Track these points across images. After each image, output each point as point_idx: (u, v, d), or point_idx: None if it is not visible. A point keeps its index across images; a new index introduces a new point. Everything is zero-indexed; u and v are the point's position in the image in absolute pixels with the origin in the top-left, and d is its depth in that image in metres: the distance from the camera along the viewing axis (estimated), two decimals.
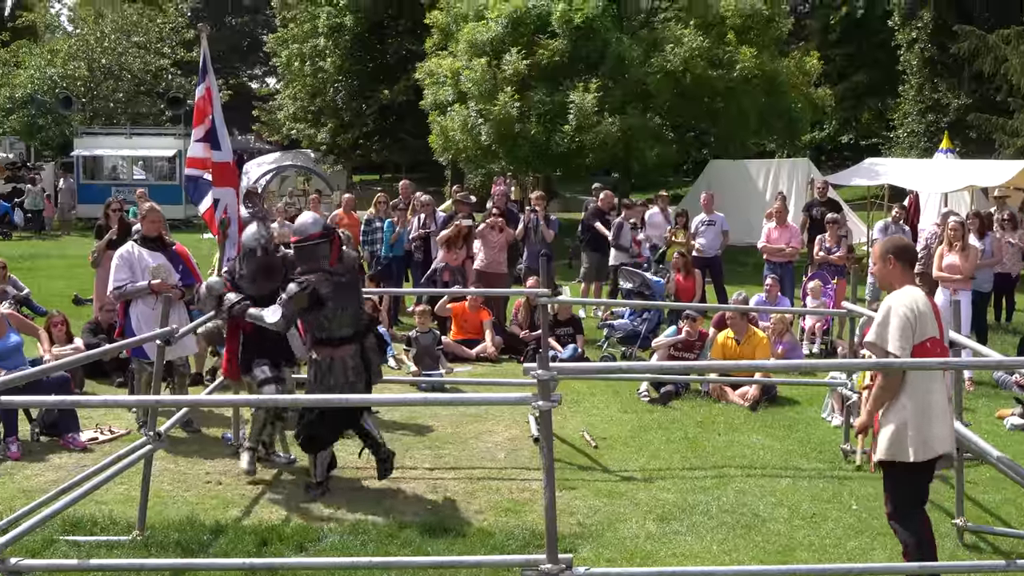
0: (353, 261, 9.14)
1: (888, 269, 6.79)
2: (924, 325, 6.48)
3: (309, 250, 8.52)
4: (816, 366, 7.15)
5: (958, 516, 7.76)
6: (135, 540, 7.60)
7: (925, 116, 38.62)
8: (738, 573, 6.81)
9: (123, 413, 11.21)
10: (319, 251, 8.53)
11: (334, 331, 8.55)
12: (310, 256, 8.53)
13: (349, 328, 8.63)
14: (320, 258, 8.53)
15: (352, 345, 8.63)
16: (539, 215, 16.89)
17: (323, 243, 8.55)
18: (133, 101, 43.61)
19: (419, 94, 30.55)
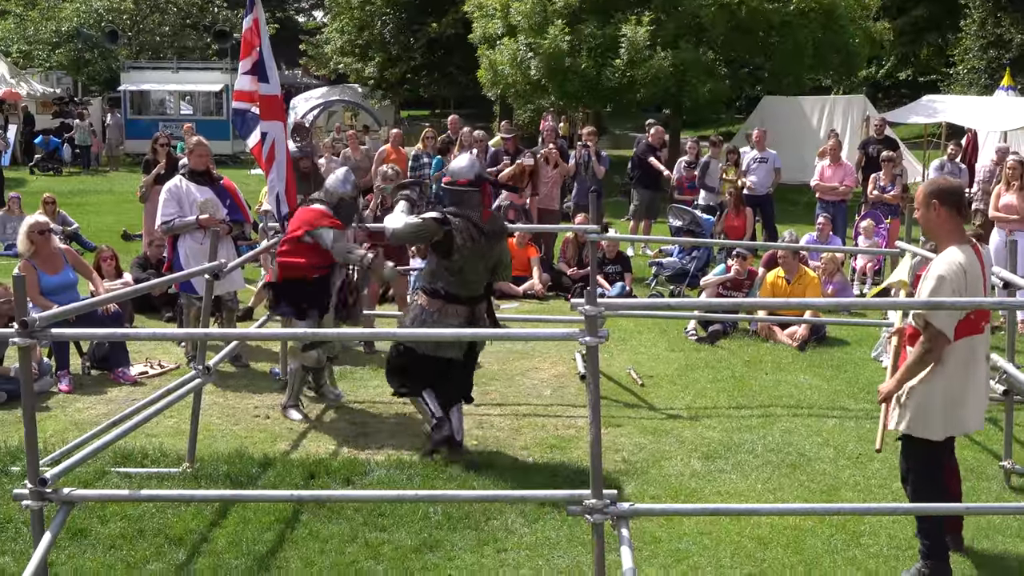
0: (501, 228, 8.55)
1: (931, 215, 6.06)
2: (973, 294, 5.92)
3: (458, 195, 8.10)
4: (866, 304, 7.07)
5: (1006, 458, 7.67)
6: (185, 472, 7.70)
7: (987, 52, 37.84)
8: (781, 511, 6.78)
9: (172, 348, 11.31)
10: (469, 199, 8.07)
11: (450, 286, 8.04)
12: (459, 201, 8.08)
13: (466, 290, 8.10)
14: (471, 206, 8.07)
15: (463, 307, 8.09)
16: (591, 151, 16.76)
17: (473, 191, 8.10)
18: (179, 35, 43.69)
19: (468, 27, 30.29)
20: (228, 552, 6.53)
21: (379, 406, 9.56)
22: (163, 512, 7.02)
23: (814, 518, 7.02)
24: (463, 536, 6.76)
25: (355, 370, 10.68)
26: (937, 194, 6.03)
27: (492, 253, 8.19)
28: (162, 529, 6.80)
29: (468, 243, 7.91)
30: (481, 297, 8.26)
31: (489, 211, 8.28)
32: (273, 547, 6.61)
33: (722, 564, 6.45)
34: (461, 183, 8.08)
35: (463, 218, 7.95)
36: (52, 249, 10.44)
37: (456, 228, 7.87)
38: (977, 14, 38.19)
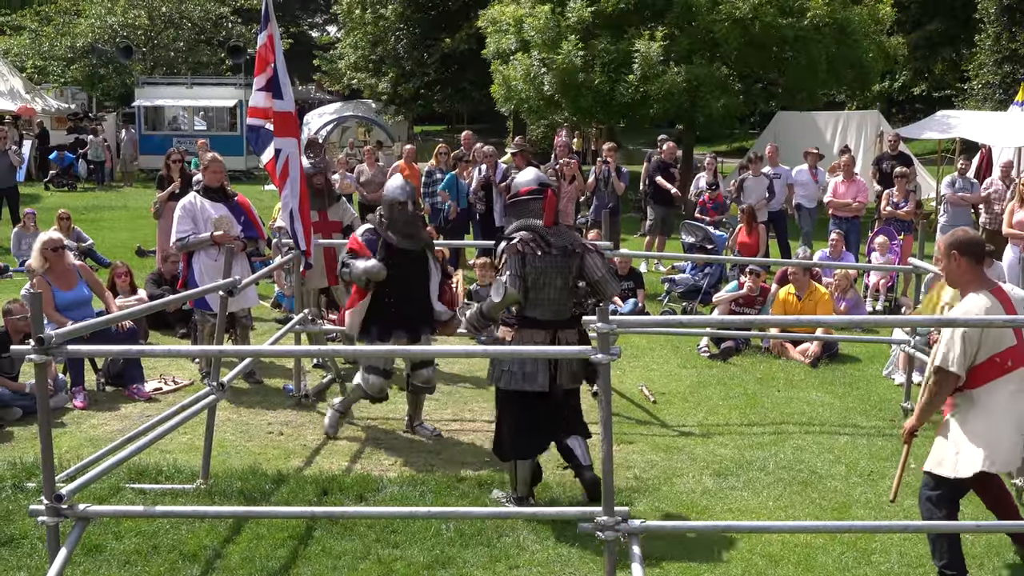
0: (573, 239, 7.79)
1: (952, 266, 6.26)
2: (996, 338, 6.08)
3: (521, 205, 7.76)
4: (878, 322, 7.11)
5: (1018, 476, 7.65)
6: (199, 488, 7.74)
7: (1001, 67, 37.69)
8: (792, 528, 6.79)
9: (186, 364, 11.37)
10: (530, 207, 7.68)
11: (526, 308, 7.51)
12: (521, 211, 7.73)
13: (545, 311, 7.51)
14: (533, 214, 7.66)
15: (543, 331, 7.50)
16: (611, 167, 16.80)
17: (535, 199, 7.67)
18: (193, 50, 43.80)
19: (481, 42, 30.35)
20: (241, 568, 6.57)
21: (392, 422, 9.60)
22: (177, 528, 7.07)
23: (825, 536, 7.03)
24: (475, 553, 6.78)
25: None
26: (956, 246, 6.22)
27: (569, 267, 7.55)
28: (176, 545, 6.85)
29: (535, 254, 7.45)
30: (567, 322, 7.60)
31: (554, 219, 7.75)
32: (286, 563, 6.65)
33: None
34: (523, 192, 7.76)
35: (526, 229, 7.61)
36: (66, 265, 10.51)
37: (523, 241, 7.49)
38: (992, 28, 38.07)
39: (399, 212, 8.88)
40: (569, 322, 7.59)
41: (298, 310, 10.25)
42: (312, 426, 9.48)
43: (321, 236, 10.88)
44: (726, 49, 25.15)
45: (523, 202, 7.72)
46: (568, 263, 7.55)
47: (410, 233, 8.93)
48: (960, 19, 41.04)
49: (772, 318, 11.60)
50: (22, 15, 45.33)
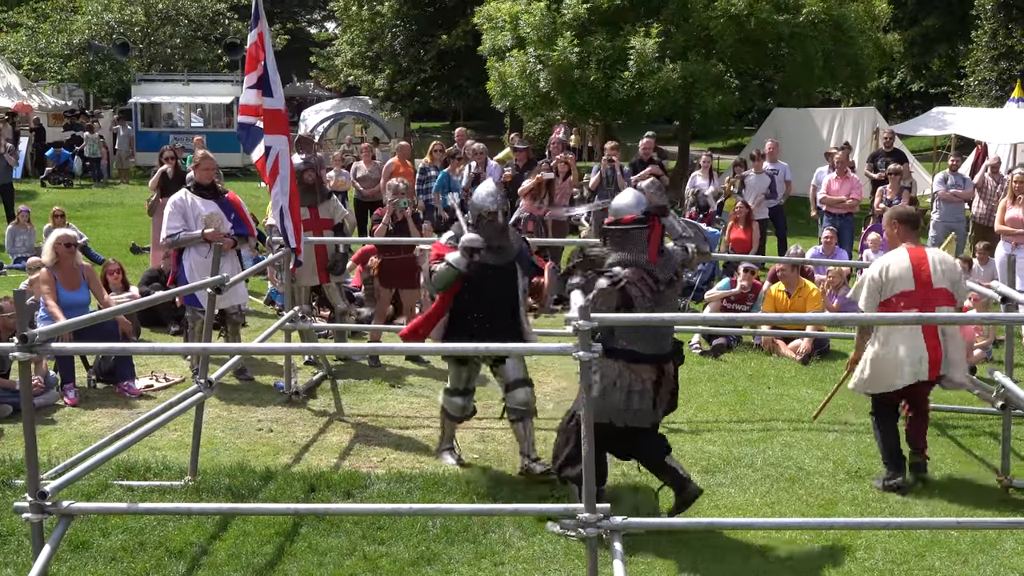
0: (678, 260, 7.33)
1: (894, 232, 8.24)
2: (894, 284, 7.84)
3: (622, 236, 7.19)
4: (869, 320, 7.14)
5: (1003, 473, 7.68)
6: (187, 485, 7.75)
7: (998, 63, 37.76)
8: (776, 524, 6.80)
9: (178, 361, 11.38)
10: (635, 239, 7.14)
11: (631, 342, 7.03)
12: (623, 243, 7.17)
13: (651, 346, 7.06)
14: (638, 248, 7.14)
15: (648, 366, 7.08)
16: (615, 165, 16.80)
17: (639, 230, 7.16)
18: (190, 47, 43.71)
19: (478, 39, 30.34)
20: (228, 565, 6.58)
21: (382, 419, 9.63)
22: (164, 525, 7.08)
23: (810, 532, 7.05)
24: (461, 549, 6.80)
25: (358, 383, 10.73)
26: (897, 216, 8.36)
27: (672, 300, 7.35)
28: (163, 542, 6.86)
29: (647, 294, 7.03)
30: (670, 355, 7.23)
31: (658, 250, 7.23)
32: (272, 560, 6.66)
33: None
34: (626, 220, 7.17)
35: (633, 266, 7.06)
36: (74, 264, 10.56)
37: (629, 281, 6.99)
38: (989, 25, 38.12)
39: (488, 223, 7.98)
40: (672, 353, 7.23)
41: (288, 307, 10.27)
42: (302, 423, 9.50)
43: (312, 233, 10.90)
44: (721, 46, 25.15)
45: (626, 232, 7.17)
46: (674, 293, 7.34)
47: (500, 246, 8.03)
48: (957, 15, 41.08)
49: (762, 316, 11.62)
50: (19, 12, 45.25)
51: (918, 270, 7.84)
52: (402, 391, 10.55)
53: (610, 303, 6.93)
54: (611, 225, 7.25)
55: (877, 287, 7.88)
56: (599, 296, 6.91)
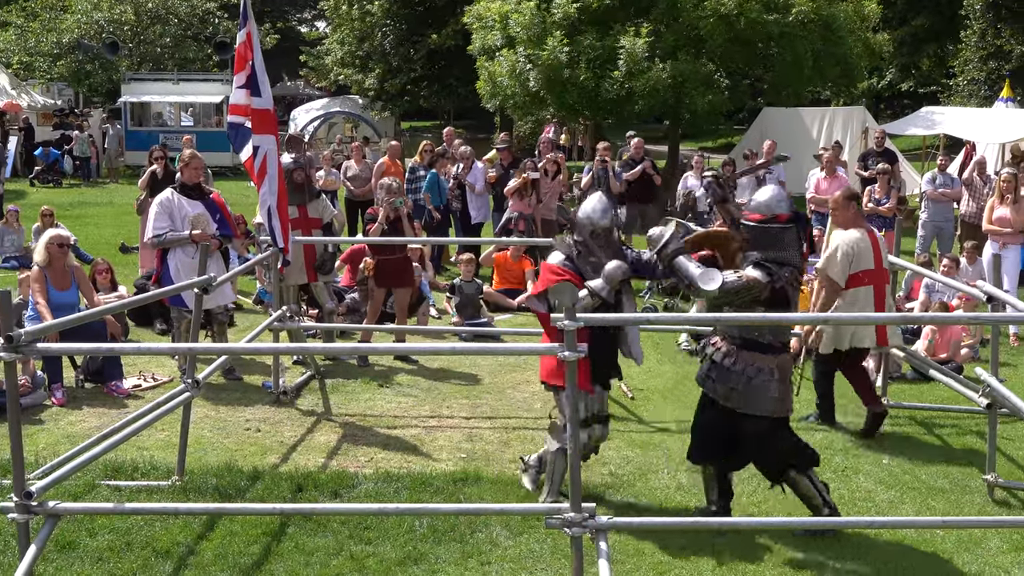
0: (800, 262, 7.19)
1: (849, 213, 9.07)
2: (860, 260, 8.82)
3: (774, 235, 6.99)
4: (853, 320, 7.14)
5: (989, 471, 7.71)
6: (174, 485, 7.75)
7: (986, 63, 37.84)
8: (761, 524, 6.81)
9: (166, 361, 11.36)
10: (789, 239, 7.00)
11: (778, 335, 7.09)
12: (773, 242, 6.99)
13: (779, 336, 7.12)
14: (793, 248, 7.01)
15: (772, 357, 7.05)
16: (608, 166, 16.79)
17: (791, 228, 7.02)
18: (180, 46, 43.55)
19: (467, 38, 30.31)
20: (214, 565, 6.58)
21: (370, 419, 9.62)
22: (151, 525, 7.08)
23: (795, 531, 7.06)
24: (448, 549, 6.81)
25: (347, 383, 10.73)
26: (849, 196, 9.34)
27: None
28: (149, 542, 6.86)
29: (795, 295, 7.06)
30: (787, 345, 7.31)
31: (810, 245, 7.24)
32: (259, 560, 6.66)
33: None
34: (782, 218, 7.01)
35: (789, 266, 6.96)
36: (66, 265, 10.54)
37: (787, 282, 6.93)
38: (977, 25, 38.20)
39: (604, 240, 7.39)
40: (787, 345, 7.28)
41: (277, 307, 10.26)
42: (290, 423, 9.49)
43: (301, 232, 10.90)
44: (711, 45, 25.14)
45: (780, 231, 7.01)
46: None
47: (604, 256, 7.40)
48: (946, 15, 41.12)
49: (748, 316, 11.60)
50: (8, 11, 45.11)
51: (876, 250, 8.98)
52: (390, 391, 10.55)
53: (755, 296, 6.86)
54: (762, 223, 7.03)
55: (849, 260, 8.85)
56: (746, 286, 6.83)
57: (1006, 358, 11.57)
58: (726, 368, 7.05)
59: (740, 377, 7.00)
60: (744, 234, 7.13)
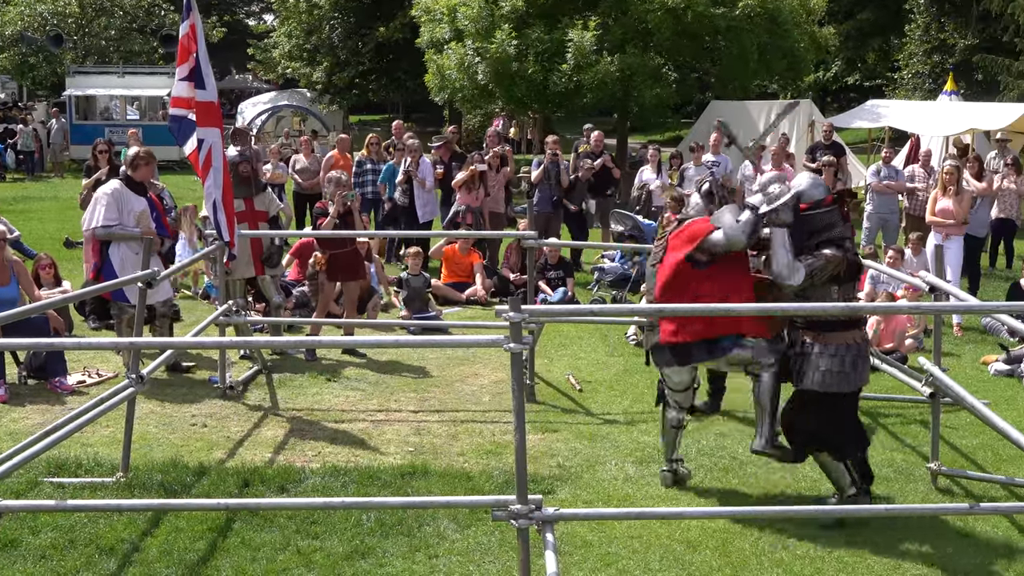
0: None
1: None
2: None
3: (825, 218, 7.18)
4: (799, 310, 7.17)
5: (932, 460, 7.80)
6: (118, 482, 7.67)
7: (930, 57, 38.28)
8: (708, 514, 6.86)
9: (111, 356, 11.23)
10: (835, 218, 7.20)
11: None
12: (827, 225, 7.17)
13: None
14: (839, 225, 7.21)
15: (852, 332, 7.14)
16: (559, 159, 16.81)
17: (835, 209, 7.23)
18: (125, 39, 43.07)
19: (415, 32, 30.29)
20: (159, 562, 6.52)
21: (317, 413, 9.58)
22: (95, 522, 7.00)
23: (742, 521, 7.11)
24: (395, 543, 6.79)
25: (294, 378, 10.66)
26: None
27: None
28: (93, 539, 6.78)
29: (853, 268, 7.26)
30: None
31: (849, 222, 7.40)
32: (205, 556, 6.61)
33: (651, 568, 6.53)
34: (828, 202, 7.20)
35: (848, 239, 7.22)
36: (4, 260, 10.39)
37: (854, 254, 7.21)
38: (921, 19, 38.64)
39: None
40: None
41: (223, 301, 10.18)
42: (236, 418, 9.42)
43: (247, 226, 10.83)
44: (659, 39, 25.29)
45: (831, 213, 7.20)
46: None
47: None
48: (891, 9, 41.57)
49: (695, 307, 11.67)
50: None
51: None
52: (338, 385, 10.51)
53: (833, 273, 7.04)
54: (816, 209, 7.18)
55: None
56: (825, 264, 7.00)
57: (949, 348, 11.72)
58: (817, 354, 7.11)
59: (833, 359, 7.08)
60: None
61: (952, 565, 6.61)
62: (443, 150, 17.09)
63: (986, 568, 6.59)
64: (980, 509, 6.31)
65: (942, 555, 6.75)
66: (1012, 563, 6.65)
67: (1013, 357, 11.20)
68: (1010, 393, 10.55)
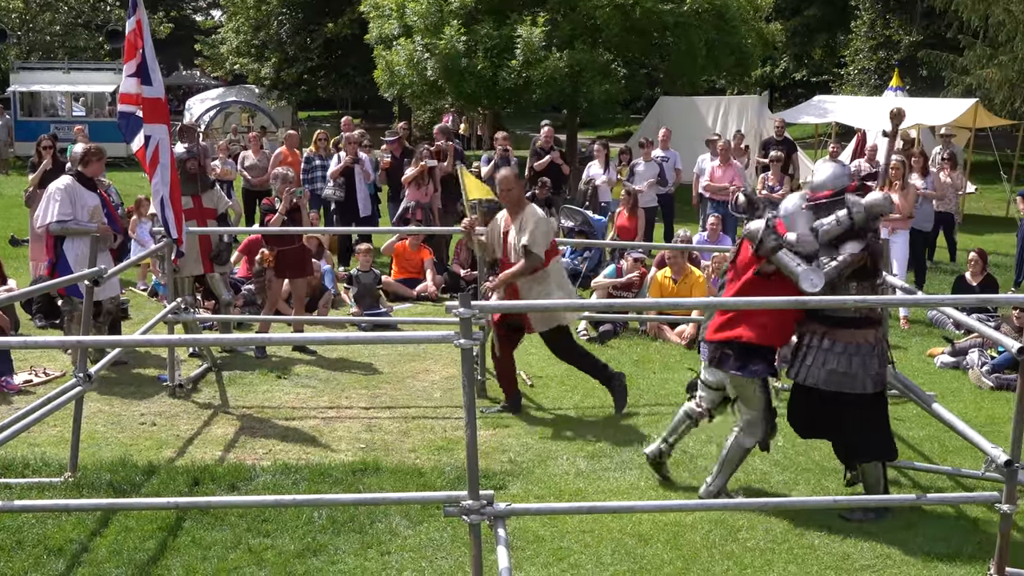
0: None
1: (518, 193, 9.43)
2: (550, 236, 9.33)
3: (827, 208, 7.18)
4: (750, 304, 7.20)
5: None
6: (66, 481, 7.59)
7: (876, 53, 38.70)
8: (658, 507, 6.90)
9: (58, 355, 11.11)
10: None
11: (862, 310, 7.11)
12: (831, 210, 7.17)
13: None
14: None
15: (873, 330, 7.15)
16: (510, 155, 16.81)
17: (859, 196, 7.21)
18: (71, 34, 42.48)
19: (364, 27, 30.15)
20: (109, 562, 6.47)
21: (268, 411, 9.53)
22: (43, 522, 6.93)
23: (694, 514, 7.17)
24: (347, 540, 6.78)
25: (244, 375, 10.61)
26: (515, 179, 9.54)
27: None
28: (41, 540, 6.71)
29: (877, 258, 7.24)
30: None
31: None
32: (155, 555, 6.56)
33: (603, 561, 6.56)
34: (851, 189, 7.20)
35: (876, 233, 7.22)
36: None
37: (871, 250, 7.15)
38: (867, 15, 39.05)
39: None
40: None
41: (171, 299, 10.11)
42: (186, 416, 9.36)
43: (195, 223, 10.77)
44: (607, 35, 25.34)
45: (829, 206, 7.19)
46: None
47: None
48: (837, 6, 41.98)
49: (646, 301, 11.77)
50: None
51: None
52: (288, 382, 10.46)
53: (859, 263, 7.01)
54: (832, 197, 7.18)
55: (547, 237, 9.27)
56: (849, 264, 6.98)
57: (896, 340, 11.87)
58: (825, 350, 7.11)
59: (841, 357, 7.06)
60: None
61: (900, 555, 6.70)
62: (395, 145, 17.04)
63: (933, 557, 6.68)
64: (928, 499, 6.40)
65: (890, 545, 6.84)
66: (959, 552, 6.74)
67: (958, 350, 11.36)
68: (956, 385, 10.71)
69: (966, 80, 30.32)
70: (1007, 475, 5.62)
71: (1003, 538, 5.65)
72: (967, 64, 30.94)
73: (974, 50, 30.52)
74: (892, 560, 6.65)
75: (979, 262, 13.36)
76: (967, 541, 6.91)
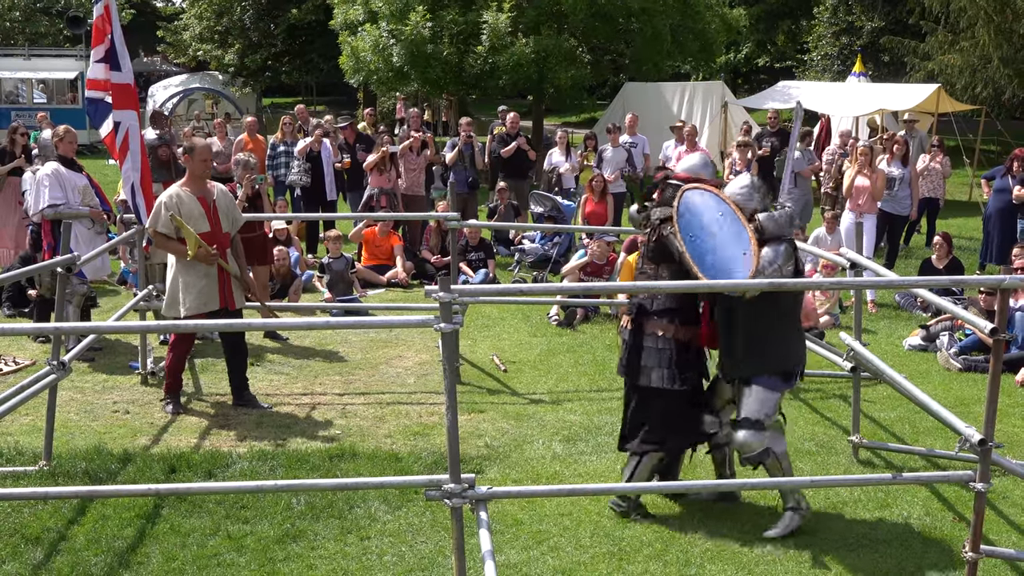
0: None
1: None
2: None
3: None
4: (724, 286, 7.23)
5: (854, 433, 7.98)
6: (41, 470, 7.55)
7: (839, 39, 38.83)
8: (635, 489, 6.92)
9: (28, 343, 11.04)
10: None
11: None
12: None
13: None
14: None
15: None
16: (474, 142, 16.78)
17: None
18: (31, 20, 42.07)
19: (329, 13, 29.96)
20: (87, 550, 6.45)
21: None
22: (19, 511, 6.91)
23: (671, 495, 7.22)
24: (326, 525, 6.79)
25: (217, 362, 10.54)
26: None
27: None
28: (18, 529, 6.69)
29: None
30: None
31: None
32: (133, 543, 6.55)
33: (582, 544, 6.60)
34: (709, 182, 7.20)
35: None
36: None
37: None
38: (830, 1, 39.18)
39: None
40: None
41: (142, 286, 10.06)
42: (159, 404, 9.30)
43: None
44: (573, 20, 25.35)
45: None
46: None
47: None
48: None
49: (617, 285, 11.80)
50: None
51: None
52: (261, 369, 10.43)
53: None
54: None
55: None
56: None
57: (865, 324, 11.93)
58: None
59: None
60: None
61: (873, 534, 6.79)
62: (348, 131, 16.98)
63: (907, 536, 6.77)
64: (901, 479, 6.46)
65: (864, 525, 6.92)
66: (932, 531, 6.84)
67: (931, 334, 11.47)
68: (924, 367, 10.83)
69: (928, 66, 30.52)
70: (981, 454, 5.69)
71: (977, 516, 5.72)
72: (929, 50, 31.16)
73: (936, 36, 30.76)
74: (866, 538, 6.73)
75: (944, 246, 13.55)
76: (942, 520, 7.01)
